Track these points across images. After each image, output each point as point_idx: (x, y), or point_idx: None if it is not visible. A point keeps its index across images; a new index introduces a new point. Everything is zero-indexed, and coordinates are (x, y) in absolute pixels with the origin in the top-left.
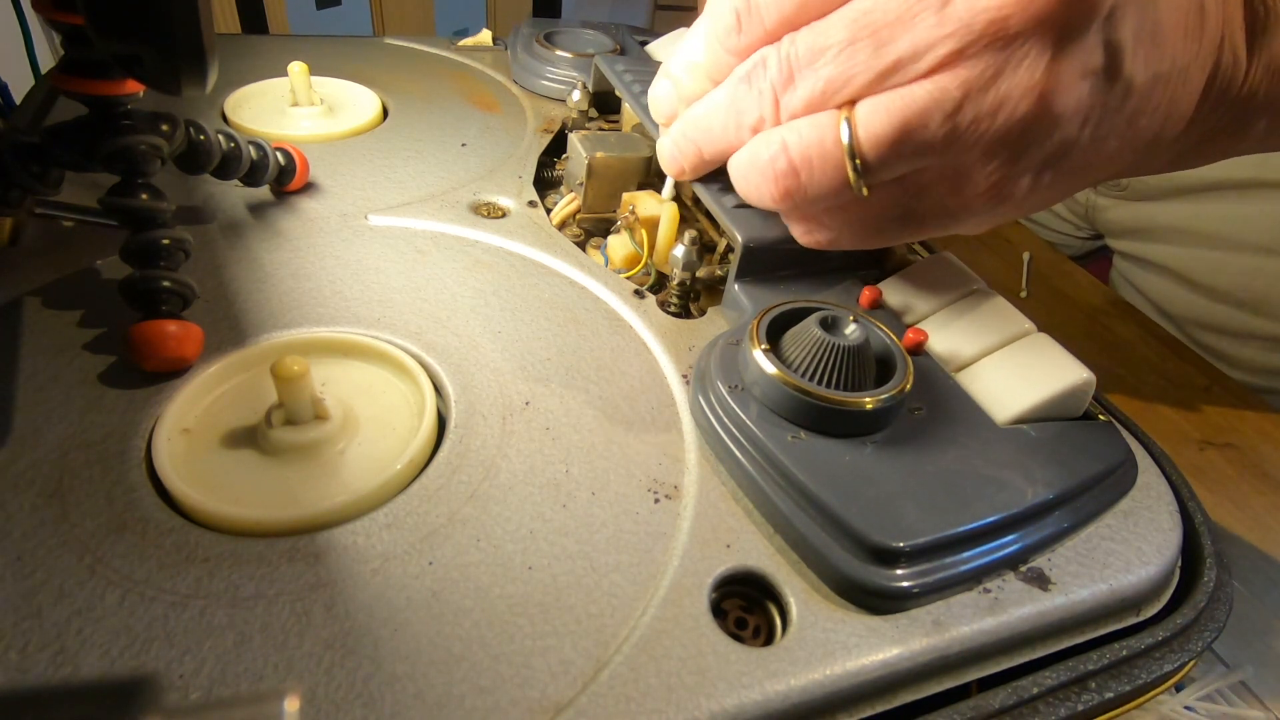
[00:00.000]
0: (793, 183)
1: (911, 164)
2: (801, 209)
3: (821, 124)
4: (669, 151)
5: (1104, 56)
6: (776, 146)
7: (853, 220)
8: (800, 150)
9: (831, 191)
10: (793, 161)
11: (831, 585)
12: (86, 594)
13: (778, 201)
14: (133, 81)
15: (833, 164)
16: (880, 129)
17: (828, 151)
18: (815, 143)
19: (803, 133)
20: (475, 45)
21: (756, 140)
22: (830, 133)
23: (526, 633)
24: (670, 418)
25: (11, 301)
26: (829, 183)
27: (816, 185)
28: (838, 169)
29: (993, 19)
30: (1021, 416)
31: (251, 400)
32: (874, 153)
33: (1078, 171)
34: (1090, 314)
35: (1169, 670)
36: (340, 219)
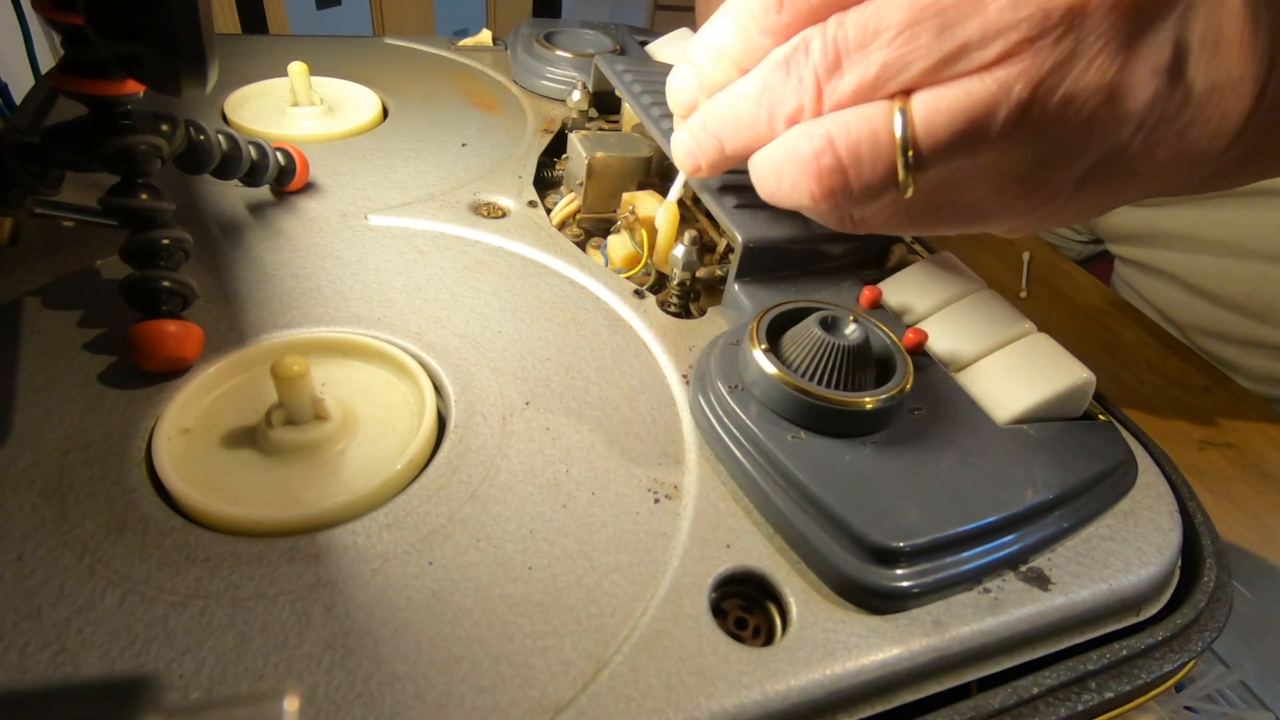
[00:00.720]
0: (838, 181)
1: (966, 161)
2: (839, 208)
3: (873, 116)
4: (685, 146)
5: (1172, 55)
6: (821, 140)
7: (884, 212)
8: (848, 144)
9: (877, 189)
10: (840, 157)
11: (831, 585)
12: (86, 594)
13: (818, 201)
14: (133, 81)
15: (884, 160)
16: (940, 123)
17: (880, 146)
18: (867, 136)
19: (851, 125)
20: (475, 45)
21: (794, 133)
22: (883, 126)
23: (526, 633)
24: (670, 418)
25: (11, 301)
26: (877, 180)
27: (864, 183)
28: (888, 166)
29: (1071, 3)
30: (1021, 416)
31: (251, 400)
32: (930, 149)
33: (1121, 183)
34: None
35: (1169, 670)
36: (340, 219)
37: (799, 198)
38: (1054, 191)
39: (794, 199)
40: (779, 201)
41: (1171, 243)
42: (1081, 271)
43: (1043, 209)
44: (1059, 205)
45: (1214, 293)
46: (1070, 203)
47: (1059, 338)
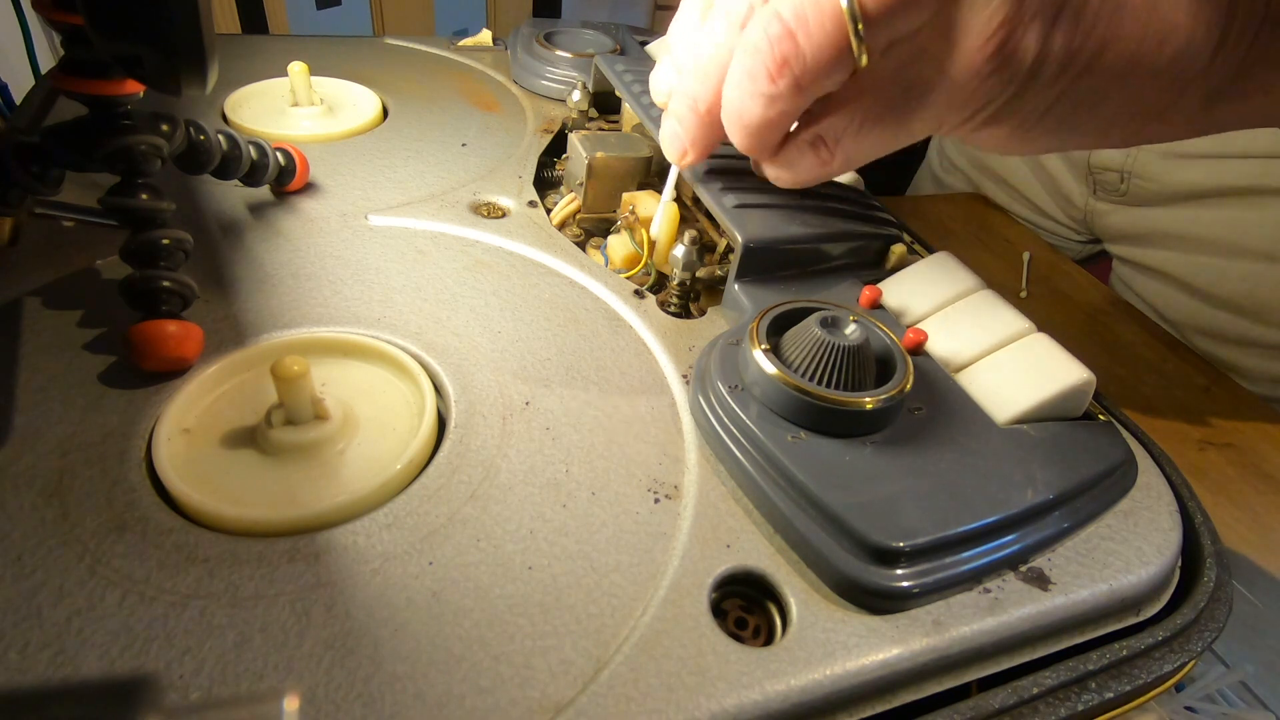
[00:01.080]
0: (789, 47)
1: (912, 16)
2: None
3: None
4: (669, 130)
5: None
6: (769, 15)
7: (855, 112)
8: (794, 10)
9: (830, 58)
10: (787, 24)
11: (831, 585)
12: (86, 594)
13: (775, 77)
14: (133, 81)
15: (831, 19)
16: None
17: (824, 6)
18: (813, 5)
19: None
20: (475, 45)
21: (748, 27)
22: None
23: (526, 633)
24: (670, 418)
25: (11, 301)
26: (828, 44)
27: (815, 48)
28: (837, 26)
29: None
30: (1021, 416)
31: (251, 400)
32: (876, 5)
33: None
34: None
35: (1169, 670)
36: (340, 219)
37: (760, 84)
38: (1015, 46)
39: (758, 94)
40: (748, 116)
41: (1167, 242)
42: (1081, 271)
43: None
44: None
45: (1209, 292)
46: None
47: (1059, 338)
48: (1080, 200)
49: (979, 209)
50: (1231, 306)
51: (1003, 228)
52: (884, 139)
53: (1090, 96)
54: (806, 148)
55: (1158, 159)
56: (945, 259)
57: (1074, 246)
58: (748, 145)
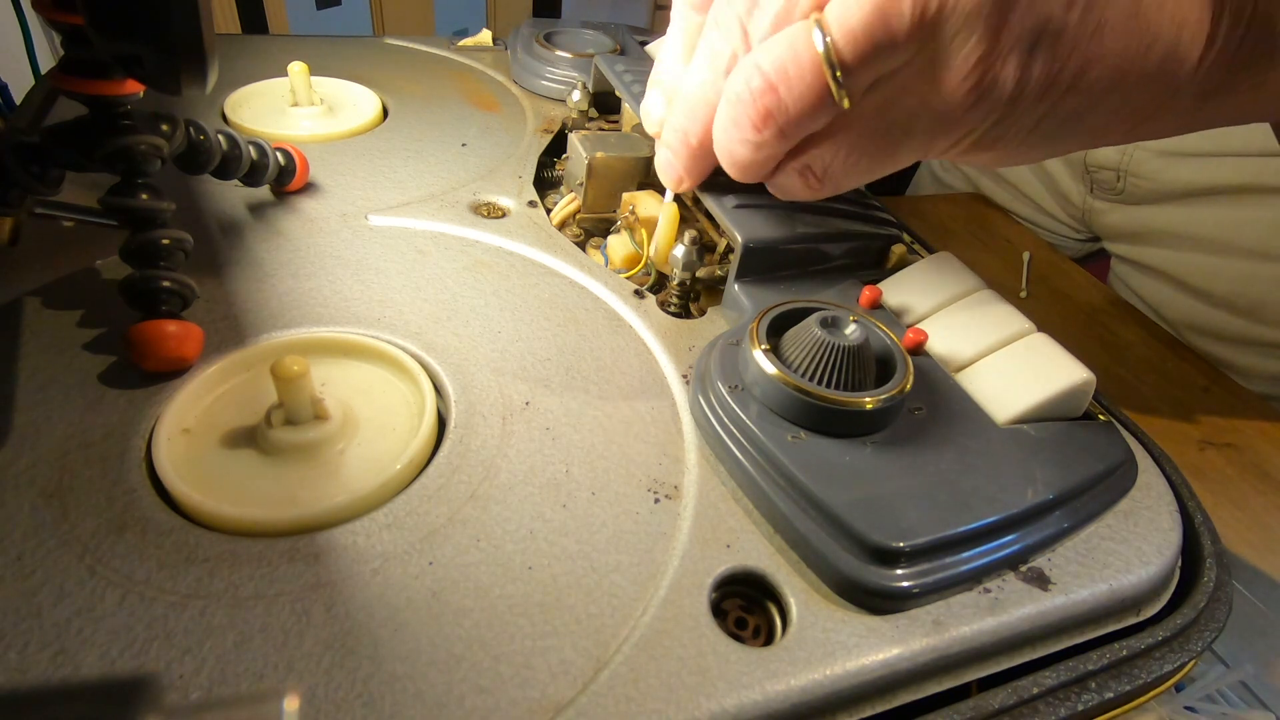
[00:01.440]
0: (772, 100)
1: (891, 58)
2: (787, 135)
3: (793, 34)
4: (663, 158)
5: None
6: (750, 68)
7: (841, 145)
8: (774, 64)
9: (812, 105)
10: (768, 78)
11: (831, 585)
12: (86, 594)
13: (759, 128)
14: (133, 81)
15: (810, 70)
16: (853, 23)
17: (802, 59)
18: (789, 53)
19: (774, 47)
20: (475, 45)
21: (731, 75)
22: (802, 39)
23: (526, 633)
24: (670, 418)
25: (11, 301)
26: (809, 94)
27: (796, 99)
28: (816, 76)
29: None
30: (1021, 416)
31: (251, 400)
32: (850, 50)
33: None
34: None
35: (1169, 670)
36: (340, 219)
37: (745, 133)
38: (995, 73)
39: (744, 141)
40: (736, 158)
41: (1164, 240)
42: (1081, 271)
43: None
44: (1013, 105)
45: (1205, 290)
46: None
47: (1059, 338)
48: (1078, 199)
49: (979, 209)
50: (1227, 305)
51: (1003, 228)
52: (872, 167)
53: (1077, 111)
54: (795, 175)
55: (1153, 158)
56: (945, 259)
57: (1073, 245)
58: (739, 177)
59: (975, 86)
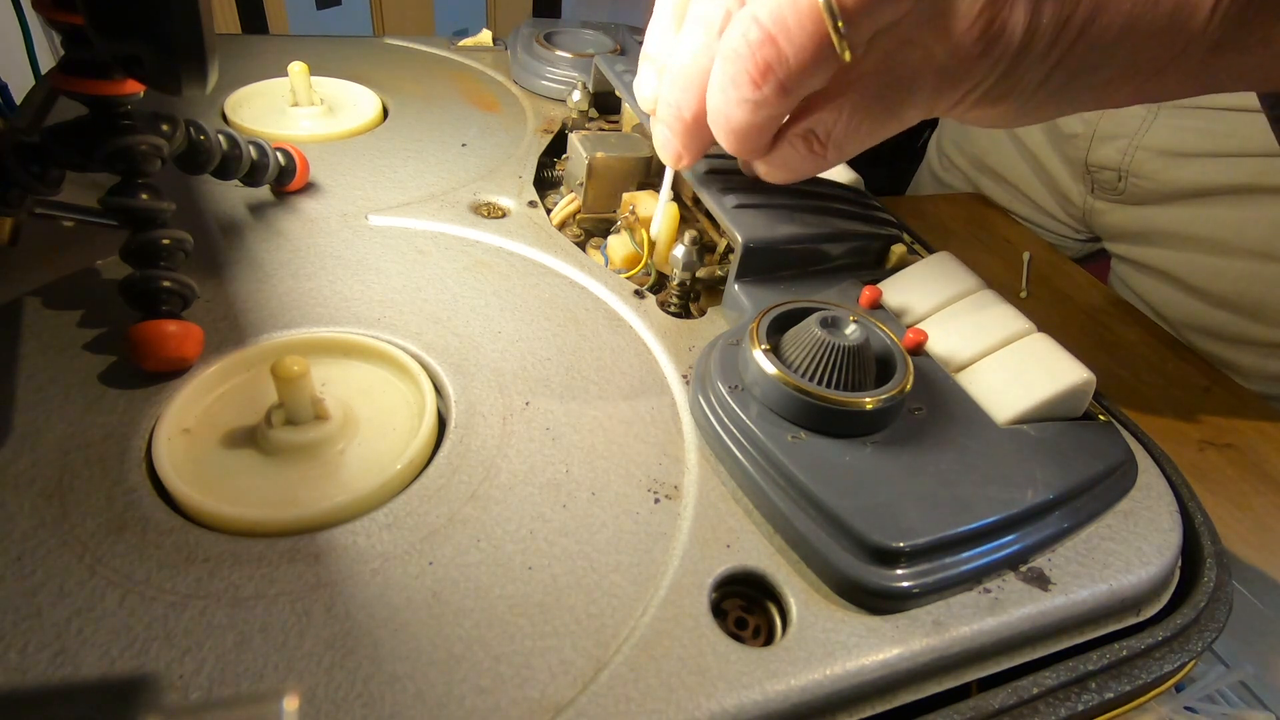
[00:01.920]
0: (771, 52)
1: (892, 7)
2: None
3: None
4: (660, 135)
5: None
6: (747, 20)
7: (844, 104)
8: (772, 14)
9: (813, 58)
10: (766, 29)
11: (831, 585)
12: (86, 594)
13: (759, 82)
14: (133, 81)
15: (810, 19)
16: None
17: (801, 7)
18: (788, 2)
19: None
20: (475, 45)
21: (726, 33)
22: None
23: (526, 633)
24: (670, 418)
25: (11, 301)
26: (809, 44)
27: (797, 50)
28: (816, 25)
29: None
30: (1021, 416)
31: (251, 400)
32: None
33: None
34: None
35: (1169, 670)
36: (340, 219)
37: (744, 90)
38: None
39: (742, 100)
40: (734, 121)
41: (1165, 241)
42: (1081, 271)
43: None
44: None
45: (1206, 290)
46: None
47: (1059, 338)
48: (1079, 199)
49: (979, 209)
50: (1228, 305)
51: (1003, 228)
52: (876, 128)
53: (1087, 63)
54: (799, 142)
55: (1155, 158)
56: (945, 259)
57: (1073, 245)
58: (737, 148)
59: (984, 33)
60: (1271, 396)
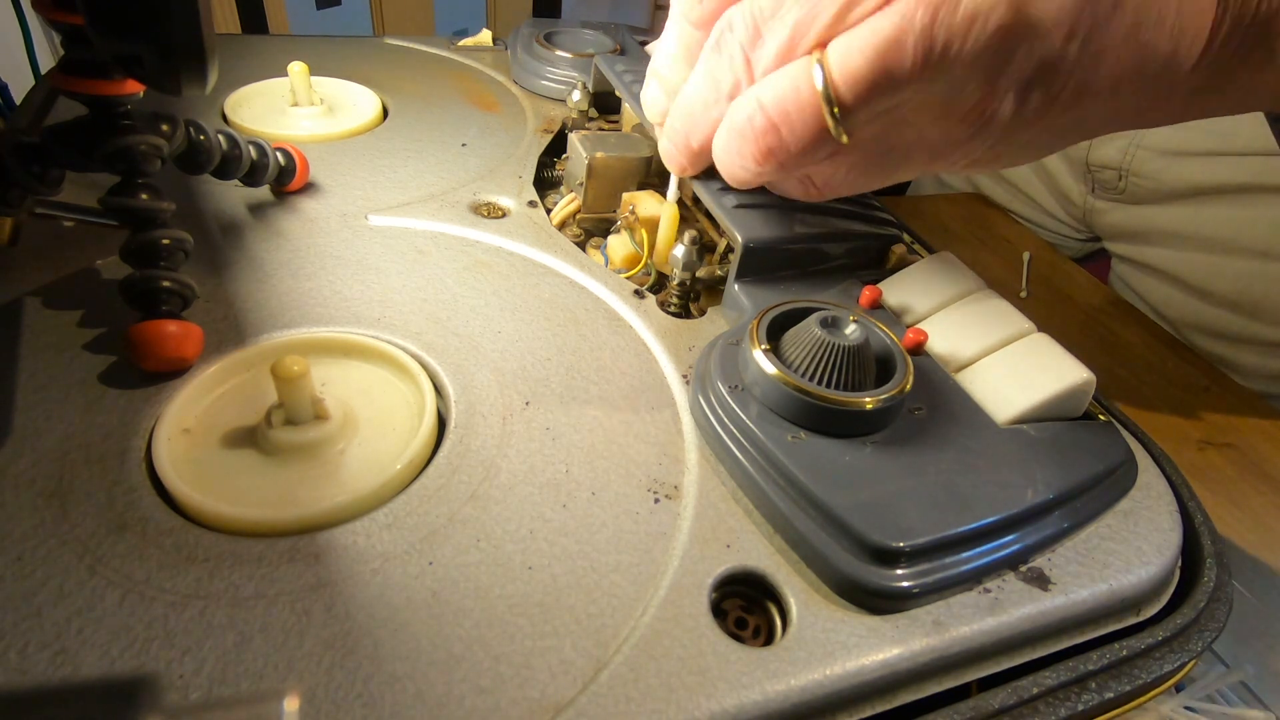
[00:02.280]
0: (773, 140)
1: (889, 99)
2: (787, 168)
3: (794, 73)
4: (665, 149)
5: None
6: (752, 105)
7: (841, 165)
8: (775, 103)
9: (812, 143)
10: (770, 118)
11: (831, 585)
12: (86, 594)
13: (760, 163)
14: (133, 81)
15: (811, 112)
16: (854, 66)
17: (804, 100)
18: (790, 93)
19: (777, 85)
20: (475, 45)
21: (732, 106)
22: (804, 79)
23: (526, 633)
24: (670, 418)
25: (11, 301)
26: (809, 134)
27: (797, 138)
28: (816, 117)
29: None
30: (1021, 416)
31: (251, 400)
32: (851, 93)
33: (1075, 99)
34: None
35: (1169, 670)
36: (340, 219)
37: (747, 166)
38: (993, 111)
39: (745, 169)
40: (737, 179)
41: (1164, 240)
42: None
43: (988, 131)
44: (1010, 129)
45: (1206, 290)
46: (1019, 120)
47: (1059, 338)
48: (1079, 198)
49: (979, 209)
50: (1228, 304)
51: (1003, 228)
52: (871, 183)
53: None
54: (795, 183)
55: (1155, 157)
56: (945, 259)
57: (1073, 245)
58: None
59: (973, 124)
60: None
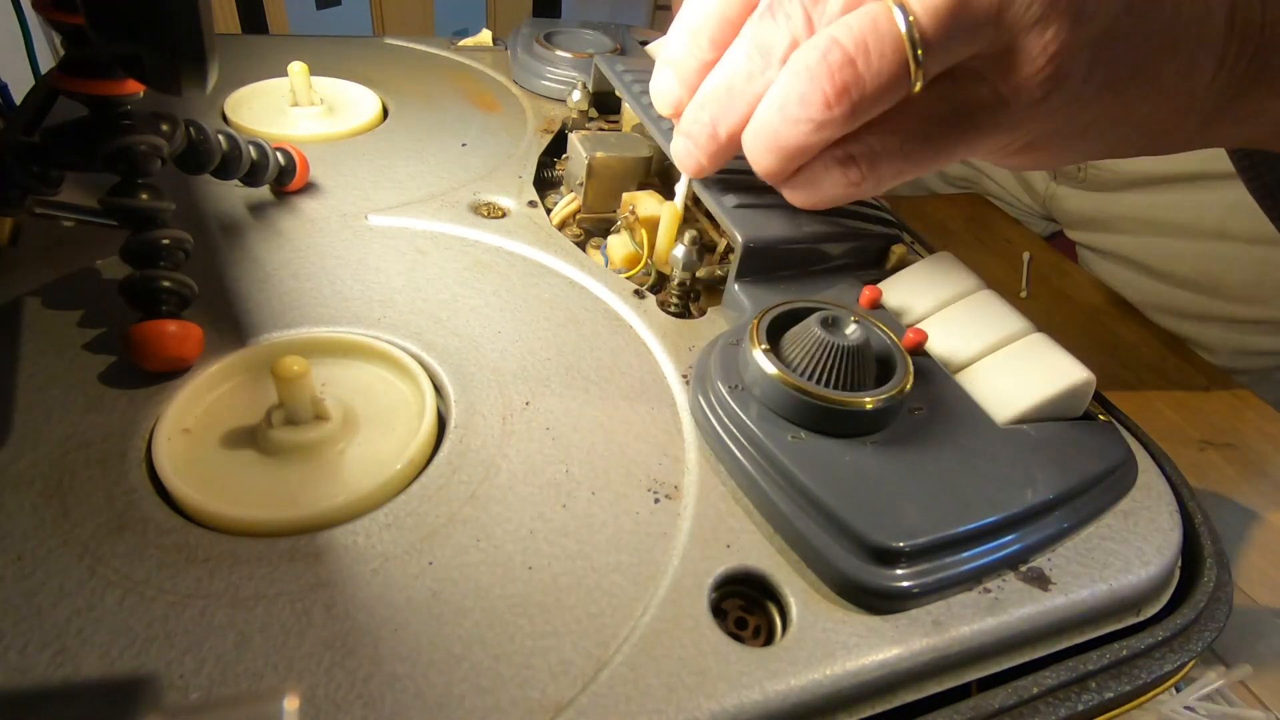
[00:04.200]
0: (850, 74)
1: (969, 42)
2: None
3: (873, 10)
4: (682, 146)
5: None
6: (825, 41)
7: (898, 131)
8: (854, 38)
9: (889, 83)
10: (848, 50)
11: (831, 585)
12: (86, 594)
13: (833, 104)
14: (133, 81)
15: (891, 46)
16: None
17: (884, 34)
18: (870, 28)
19: (853, 23)
20: (475, 45)
21: (794, 57)
22: (884, 15)
23: (526, 633)
24: (670, 418)
25: (11, 301)
26: (888, 70)
27: (875, 74)
28: (897, 52)
29: None
30: (1021, 416)
31: (251, 400)
32: (934, 28)
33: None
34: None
35: (1169, 670)
36: (340, 219)
37: (811, 113)
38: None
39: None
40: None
41: (1123, 226)
42: (1081, 271)
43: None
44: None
45: (1167, 272)
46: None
47: (1059, 338)
48: (1041, 185)
49: (979, 209)
50: (1190, 285)
51: (1003, 228)
52: (923, 161)
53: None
54: (835, 166)
55: None
56: (945, 259)
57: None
58: (774, 167)
59: (1050, 78)
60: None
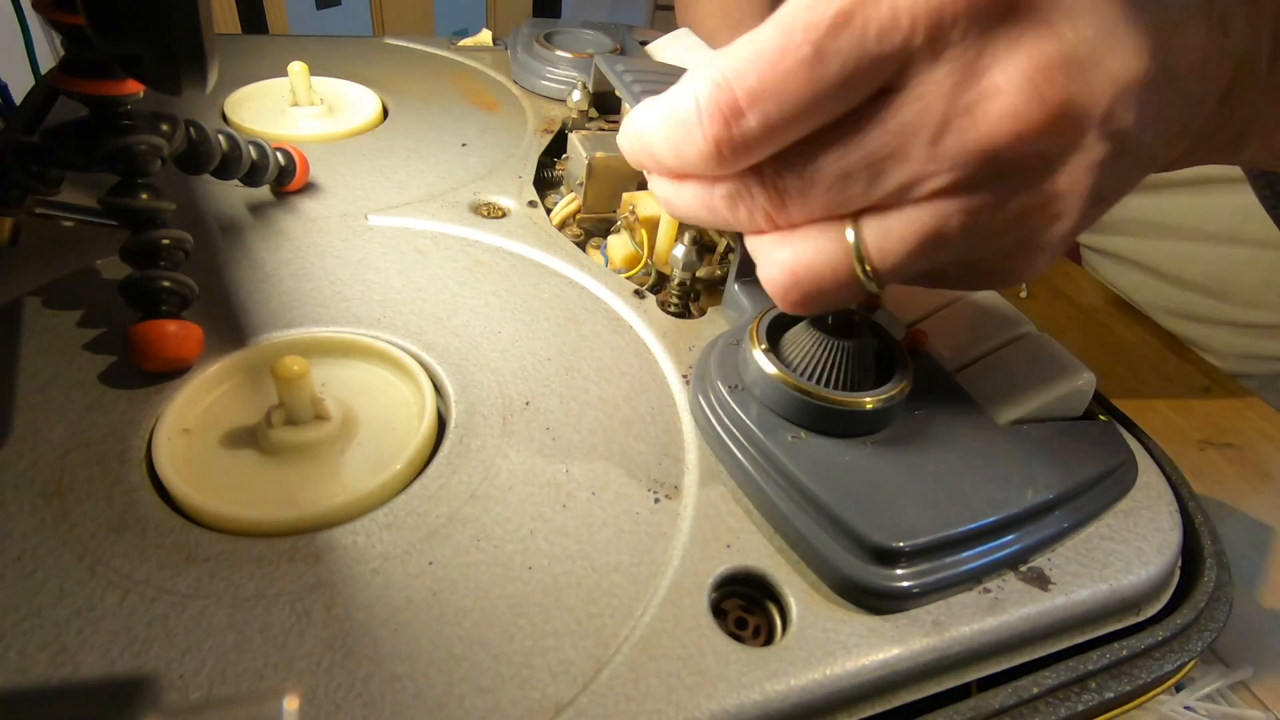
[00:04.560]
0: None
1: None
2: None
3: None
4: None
5: (1109, 147)
6: (782, 268)
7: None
8: (807, 271)
9: (847, 297)
10: (800, 283)
11: (831, 585)
12: (86, 594)
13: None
14: (133, 81)
15: (845, 274)
16: (890, 246)
17: (838, 267)
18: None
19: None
20: (475, 45)
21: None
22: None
23: (526, 633)
24: (670, 418)
25: (11, 301)
26: (843, 290)
27: (829, 296)
28: (849, 277)
29: (985, 151)
30: (1021, 416)
31: (251, 400)
32: (885, 266)
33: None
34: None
35: (1169, 670)
36: (340, 219)
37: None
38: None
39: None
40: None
41: (1131, 229)
42: (1081, 271)
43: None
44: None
45: (1176, 275)
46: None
47: (1059, 338)
48: None
49: None
50: (1198, 288)
51: None
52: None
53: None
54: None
55: None
56: None
57: None
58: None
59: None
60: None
